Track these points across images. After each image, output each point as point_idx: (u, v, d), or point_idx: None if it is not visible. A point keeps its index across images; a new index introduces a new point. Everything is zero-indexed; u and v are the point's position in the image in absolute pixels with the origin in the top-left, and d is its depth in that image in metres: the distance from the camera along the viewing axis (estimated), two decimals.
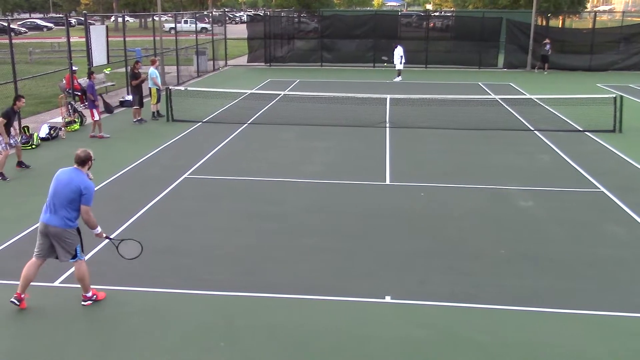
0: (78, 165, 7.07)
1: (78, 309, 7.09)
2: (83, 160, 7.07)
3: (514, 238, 9.36)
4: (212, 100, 20.61)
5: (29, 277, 7.02)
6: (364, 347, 6.38)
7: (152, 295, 7.50)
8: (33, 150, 14.64)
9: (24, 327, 6.76)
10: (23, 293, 7.02)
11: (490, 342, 6.51)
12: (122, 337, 6.55)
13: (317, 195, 11.44)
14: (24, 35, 60.14)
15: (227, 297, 7.42)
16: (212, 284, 7.76)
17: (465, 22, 36.68)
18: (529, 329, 6.76)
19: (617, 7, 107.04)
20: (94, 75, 16.79)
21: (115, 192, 11.51)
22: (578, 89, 24.17)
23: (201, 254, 8.68)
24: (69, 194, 6.82)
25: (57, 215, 6.84)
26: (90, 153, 7.17)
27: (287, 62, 35.73)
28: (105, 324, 6.83)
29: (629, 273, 8.18)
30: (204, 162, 13.66)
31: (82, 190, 6.83)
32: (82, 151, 7.13)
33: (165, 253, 8.70)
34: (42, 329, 6.73)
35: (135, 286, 7.68)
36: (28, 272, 7.01)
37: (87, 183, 6.93)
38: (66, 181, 6.90)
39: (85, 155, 7.08)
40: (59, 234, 6.87)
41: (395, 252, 8.79)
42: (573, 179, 12.50)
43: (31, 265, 7.04)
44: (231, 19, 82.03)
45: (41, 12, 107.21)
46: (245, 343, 6.45)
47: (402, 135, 16.48)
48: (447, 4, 76.24)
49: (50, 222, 6.86)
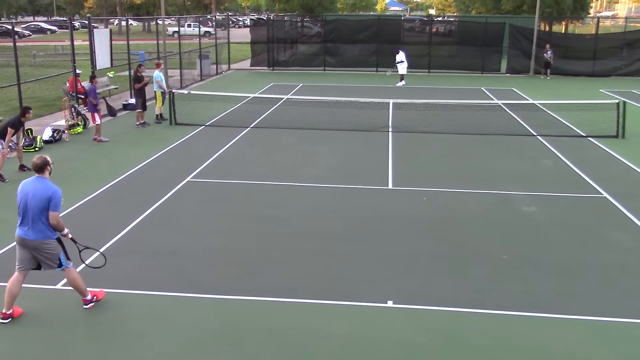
0: (38, 172, 6.90)
1: (79, 312, 7.08)
2: (40, 167, 6.89)
3: (516, 243, 9.34)
4: (215, 104, 20.64)
5: (14, 293, 6.89)
6: (367, 351, 6.37)
7: (154, 298, 7.49)
8: (36, 152, 14.66)
9: (26, 329, 6.75)
10: (9, 310, 6.89)
11: (493, 347, 6.49)
12: (124, 341, 6.55)
13: (319, 199, 11.44)
14: (27, 38, 60.32)
15: (229, 301, 7.42)
16: (215, 287, 7.75)
17: (468, 27, 36.68)
18: (532, 334, 6.74)
19: (620, 12, 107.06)
20: (96, 79, 16.82)
21: (117, 195, 11.52)
22: (581, 95, 24.15)
23: (204, 257, 8.68)
24: (39, 204, 6.69)
25: (33, 229, 6.72)
26: (47, 158, 6.99)
27: (290, 66, 35.76)
28: (107, 327, 6.82)
29: (633, 279, 8.15)
30: (207, 165, 13.67)
31: (50, 196, 6.69)
32: (37, 158, 6.94)
33: (168, 256, 8.70)
34: (44, 331, 6.73)
35: (137, 289, 7.68)
36: (12, 287, 6.87)
37: (53, 189, 6.77)
38: (32, 192, 6.75)
39: (42, 162, 6.90)
40: (37, 247, 6.77)
41: (397, 256, 8.78)
42: (576, 185, 12.48)
43: (14, 281, 6.91)
44: (234, 22, 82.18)
45: (45, 15, 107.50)
46: (248, 346, 6.44)
47: (404, 139, 16.48)
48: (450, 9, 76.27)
49: (27, 236, 6.75)
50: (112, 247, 8.93)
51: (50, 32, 70.68)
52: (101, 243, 8.79)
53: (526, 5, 45.57)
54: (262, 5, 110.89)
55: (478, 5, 53.24)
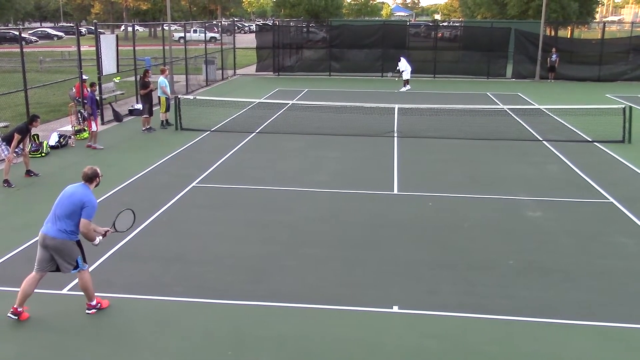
0: (86, 182, 7.05)
1: (86, 317, 7.10)
2: (90, 177, 7.04)
3: (522, 248, 9.31)
4: (220, 109, 20.69)
5: (28, 292, 6.98)
6: (372, 357, 6.35)
7: (159, 303, 7.50)
8: (42, 158, 14.73)
9: (32, 334, 6.76)
10: (20, 307, 6.98)
11: (499, 353, 6.47)
12: (130, 346, 6.55)
13: (325, 204, 11.44)
14: (34, 44, 60.64)
15: (234, 306, 7.42)
16: (219, 292, 7.75)
17: (473, 32, 36.67)
18: (538, 339, 6.71)
19: (626, 17, 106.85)
20: (95, 87, 16.83)
21: (123, 200, 11.54)
22: (587, 100, 24.08)
23: (209, 263, 8.69)
24: (70, 206, 6.80)
25: (56, 226, 6.83)
26: (98, 170, 7.13)
27: (296, 72, 35.82)
28: (113, 332, 6.83)
29: (639, 285, 8.11)
30: (212, 170, 13.69)
31: (85, 203, 6.78)
32: (89, 169, 7.09)
33: (173, 261, 8.71)
34: (50, 336, 6.74)
35: (143, 294, 7.69)
36: (26, 285, 6.97)
37: (90, 197, 6.88)
38: (69, 194, 6.91)
39: (92, 173, 7.05)
40: (57, 245, 6.84)
41: (403, 261, 8.77)
42: (582, 190, 12.44)
43: (30, 280, 6.99)
44: (240, 28, 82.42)
45: (52, 21, 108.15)
46: (253, 352, 6.44)
47: (410, 145, 16.47)
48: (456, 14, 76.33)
49: (48, 232, 6.85)
50: (117, 252, 8.95)
51: (57, 38, 71.08)
52: (107, 248, 8.81)
53: (532, 10, 45.60)
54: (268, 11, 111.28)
55: (483, 11, 53.29)
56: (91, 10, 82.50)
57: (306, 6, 59.37)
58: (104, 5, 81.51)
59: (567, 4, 44.92)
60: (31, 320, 7.00)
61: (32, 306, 7.15)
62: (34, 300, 7.18)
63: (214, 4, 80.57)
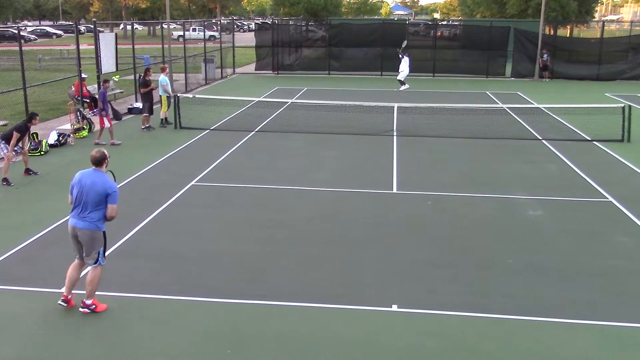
0: (96, 165, 7.17)
1: (84, 315, 7.09)
2: (99, 160, 7.18)
3: (522, 247, 9.31)
4: (220, 108, 20.67)
5: (73, 279, 7.22)
6: (371, 355, 6.35)
7: (158, 302, 7.49)
8: (42, 156, 14.71)
9: (31, 332, 6.75)
10: (69, 294, 7.18)
11: (499, 352, 6.47)
12: (127, 345, 6.55)
13: (324, 203, 11.44)
14: (33, 42, 60.57)
15: (233, 305, 7.41)
16: (219, 291, 7.75)
17: (472, 31, 36.66)
18: (538, 339, 6.71)
19: (625, 16, 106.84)
20: (108, 83, 16.82)
21: (122, 198, 11.38)
22: (586, 99, 24.08)
23: (208, 261, 8.68)
24: (95, 197, 6.98)
25: (87, 218, 7.00)
26: (105, 152, 7.28)
27: (295, 70, 35.78)
28: (111, 330, 6.82)
29: (639, 283, 8.11)
30: (212, 169, 13.68)
31: (108, 190, 7.00)
32: (96, 152, 7.24)
33: (172, 260, 8.70)
34: (48, 334, 6.74)
35: (141, 293, 7.68)
36: (71, 272, 7.23)
37: (110, 183, 7.08)
38: (91, 184, 7.03)
39: (100, 155, 7.19)
40: (87, 236, 7.01)
41: (402, 260, 8.77)
42: (581, 189, 12.44)
43: (73, 266, 7.27)
44: (239, 27, 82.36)
45: (51, 19, 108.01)
46: (252, 351, 6.44)
47: (409, 143, 16.46)
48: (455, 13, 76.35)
49: (77, 224, 7.02)
50: (116, 251, 8.94)
51: (56, 36, 70.99)
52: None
53: (531, 9, 45.58)
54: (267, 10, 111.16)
55: (483, 9, 53.25)
56: (90, 9, 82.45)
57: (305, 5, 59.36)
58: (103, 4, 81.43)
59: (566, 3, 44.92)
60: (30, 319, 6.99)
61: (30, 305, 7.15)
62: (34, 299, 7.19)
63: (213, 3, 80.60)
